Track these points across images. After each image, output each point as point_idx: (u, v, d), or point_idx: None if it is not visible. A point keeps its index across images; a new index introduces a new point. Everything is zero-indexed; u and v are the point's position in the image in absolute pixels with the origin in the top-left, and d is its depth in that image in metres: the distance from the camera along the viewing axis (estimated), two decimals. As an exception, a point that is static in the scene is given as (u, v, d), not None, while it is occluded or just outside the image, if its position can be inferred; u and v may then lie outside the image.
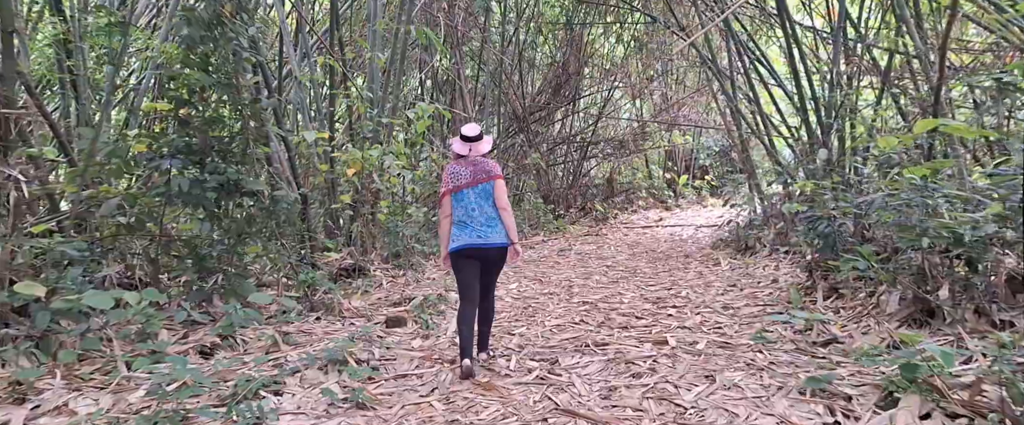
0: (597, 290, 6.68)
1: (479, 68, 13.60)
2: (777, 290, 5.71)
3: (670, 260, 9.07)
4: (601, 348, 4.22)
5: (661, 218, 15.30)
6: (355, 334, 4.48)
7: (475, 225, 3.75)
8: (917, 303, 3.94)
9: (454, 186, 3.83)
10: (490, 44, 13.33)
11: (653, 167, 16.70)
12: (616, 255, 10.02)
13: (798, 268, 6.27)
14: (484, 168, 3.84)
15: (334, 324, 5.10)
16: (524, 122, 14.91)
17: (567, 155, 16.45)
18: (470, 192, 3.79)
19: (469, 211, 3.77)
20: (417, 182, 9.72)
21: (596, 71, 16.47)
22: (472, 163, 3.85)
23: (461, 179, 3.83)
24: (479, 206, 3.77)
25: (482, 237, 3.74)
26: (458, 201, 3.81)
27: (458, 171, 3.87)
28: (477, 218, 3.76)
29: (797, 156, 10.15)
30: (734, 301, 5.53)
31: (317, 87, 8.51)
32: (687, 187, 16.99)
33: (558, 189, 15.86)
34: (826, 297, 4.89)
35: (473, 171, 3.84)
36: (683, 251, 10.04)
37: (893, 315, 4.04)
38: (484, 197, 3.79)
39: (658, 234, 13.32)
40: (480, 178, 3.82)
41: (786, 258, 7.22)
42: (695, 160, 17.40)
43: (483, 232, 3.75)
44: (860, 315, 4.24)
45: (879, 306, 4.21)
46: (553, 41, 16.02)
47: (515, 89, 14.60)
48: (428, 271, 7.46)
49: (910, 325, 3.92)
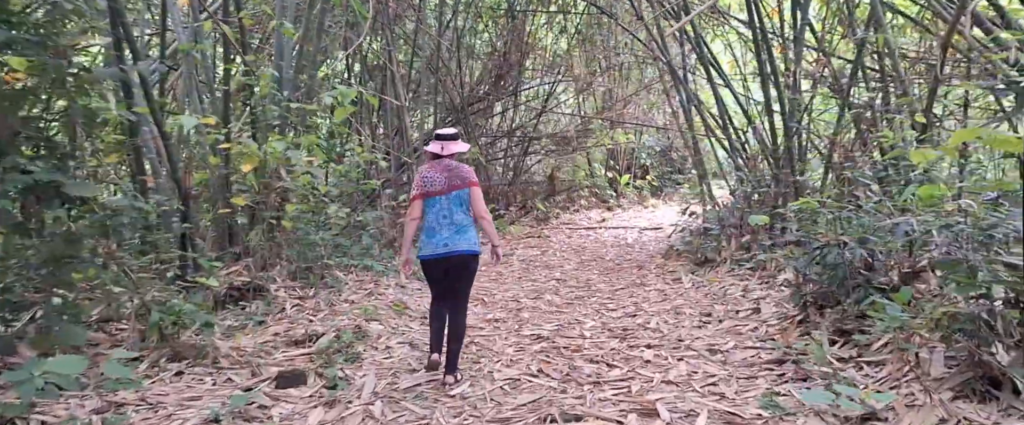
0: (550, 315, 5.51)
1: (413, 53, 12.15)
2: (762, 323, 4.71)
3: (623, 271, 8.04)
4: (573, 423, 3.05)
5: (604, 219, 14.36)
6: (222, 409, 3.11)
7: (444, 233, 3.60)
8: (975, 368, 2.99)
9: (426, 191, 3.65)
10: (425, 26, 11.89)
11: (596, 165, 15.74)
12: (564, 263, 8.91)
13: (776, 294, 5.31)
14: (459, 174, 3.67)
15: (203, 381, 3.68)
16: (462, 113, 13.58)
17: (508, 150, 15.25)
18: (443, 199, 3.63)
19: (439, 218, 3.62)
20: (339, 179, 8.28)
21: (539, 63, 15.32)
22: (447, 168, 3.66)
23: (435, 185, 3.64)
24: (450, 213, 3.61)
25: (447, 245, 3.58)
26: (429, 207, 3.66)
27: (432, 176, 3.67)
28: (446, 226, 3.61)
29: (742, 159, 9.37)
30: (717, 338, 4.48)
31: (208, 62, 6.90)
32: (628, 187, 16.15)
33: (498, 186, 14.64)
34: (833, 342, 3.92)
35: (448, 177, 3.64)
36: (634, 260, 9.05)
37: (942, 382, 3.07)
38: (457, 204, 3.63)
39: (602, 237, 12.35)
40: (455, 184, 3.64)
41: (753, 276, 6.27)
42: (636, 159, 16.58)
43: (450, 240, 3.59)
44: (896, 378, 3.25)
45: (919, 365, 3.24)
46: (494, 28, 14.74)
47: (453, 77, 13.23)
48: (347, 291, 6.08)
49: (969, 397, 2.96)
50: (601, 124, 15.01)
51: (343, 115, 6.23)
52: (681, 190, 17.26)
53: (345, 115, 6.27)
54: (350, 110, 6.41)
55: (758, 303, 5.18)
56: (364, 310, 5.27)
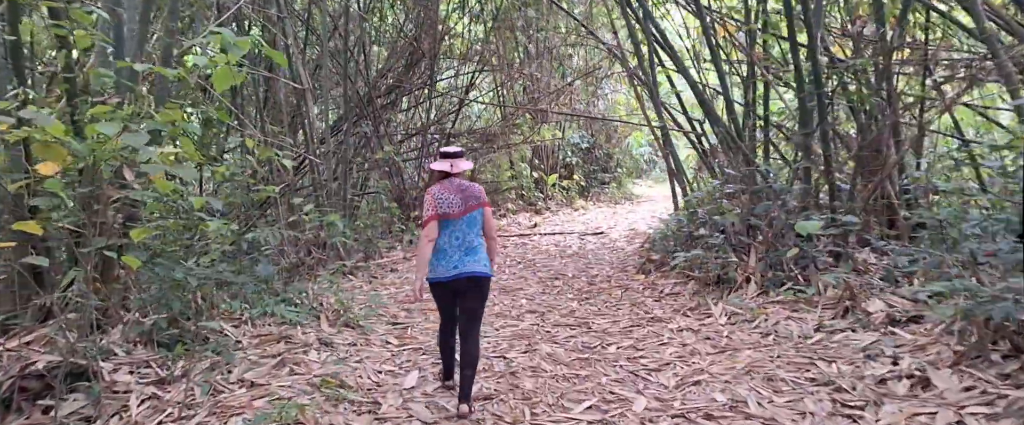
0: (566, 387, 3.55)
1: (308, 32, 9.67)
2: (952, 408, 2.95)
3: (603, 293, 6.25)
4: None
5: (535, 224, 12.59)
6: None
7: (457, 254, 3.31)
8: None
9: (444, 212, 3.32)
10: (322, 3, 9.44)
11: (522, 165, 13.93)
12: (522, 285, 6.98)
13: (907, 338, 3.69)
14: (473, 194, 3.40)
15: None
16: (371, 106, 11.22)
17: (422, 149, 13.04)
18: (459, 221, 3.33)
19: (452, 240, 3.33)
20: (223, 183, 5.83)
21: (455, 50, 13.27)
22: (461, 189, 3.39)
23: (453, 207, 3.33)
24: (464, 235, 3.34)
25: (458, 267, 3.28)
26: (444, 228, 3.34)
27: (447, 198, 3.34)
28: (459, 248, 3.32)
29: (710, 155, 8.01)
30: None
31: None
32: (555, 188, 14.53)
33: (413, 190, 12.40)
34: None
35: (463, 198, 3.36)
36: (602, 275, 7.32)
37: None
38: (471, 225, 3.36)
39: (541, 245, 10.57)
40: (471, 205, 3.36)
41: (813, 306, 4.59)
42: (561, 158, 14.99)
43: (463, 262, 3.29)
44: None
45: None
46: (401, 8, 12.49)
47: (356, 62, 10.83)
48: (241, 362, 3.74)
49: None
50: (526, 119, 13.23)
51: (226, 82, 3.85)
52: (606, 190, 15.99)
53: (229, 84, 3.89)
54: (238, 79, 4.04)
55: (903, 363, 3.39)
56: (279, 410, 3.01)
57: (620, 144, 16.69)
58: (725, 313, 4.83)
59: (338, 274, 7.30)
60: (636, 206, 14.87)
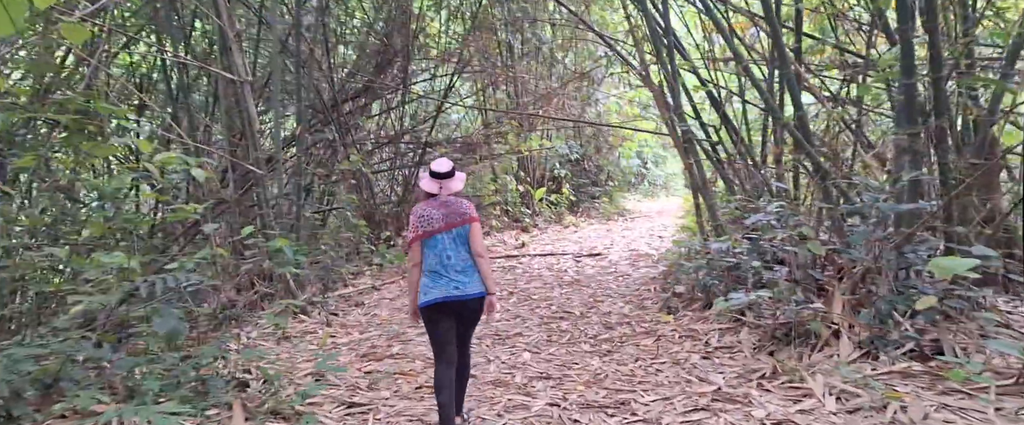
0: None
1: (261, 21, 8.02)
2: None
3: (627, 345, 4.70)
4: None
5: (523, 243, 11.03)
6: None
7: (451, 274, 3.07)
8: None
9: (425, 231, 3.11)
10: None
11: (507, 177, 12.35)
12: (521, 329, 5.40)
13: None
14: (458, 209, 3.13)
15: None
16: (335, 110, 9.58)
17: (396, 159, 11.42)
18: (444, 237, 3.10)
19: (442, 259, 3.09)
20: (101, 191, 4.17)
21: (432, 50, 11.72)
22: (444, 204, 3.13)
23: (433, 223, 3.11)
24: (454, 253, 3.11)
25: (458, 288, 3.06)
26: (430, 248, 3.12)
27: (429, 213, 3.12)
28: (452, 266, 3.09)
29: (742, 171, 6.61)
30: None
31: None
32: (543, 203, 13.01)
33: (385, 206, 10.73)
34: None
35: (445, 213, 3.12)
36: (618, 314, 5.79)
37: None
38: (460, 242, 3.12)
39: (533, 269, 9.03)
40: (454, 221, 3.11)
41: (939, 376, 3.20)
42: (549, 170, 13.48)
43: (459, 282, 3.06)
44: None
45: None
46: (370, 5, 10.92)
47: (318, 63, 9.19)
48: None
49: None
50: (512, 126, 11.69)
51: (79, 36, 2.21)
52: (598, 205, 14.53)
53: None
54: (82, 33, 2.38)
55: None
56: None
57: (610, 155, 15.26)
58: (829, 390, 3.32)
59: (285, 315, 5.62)
60: (631, 223, 13.41)
